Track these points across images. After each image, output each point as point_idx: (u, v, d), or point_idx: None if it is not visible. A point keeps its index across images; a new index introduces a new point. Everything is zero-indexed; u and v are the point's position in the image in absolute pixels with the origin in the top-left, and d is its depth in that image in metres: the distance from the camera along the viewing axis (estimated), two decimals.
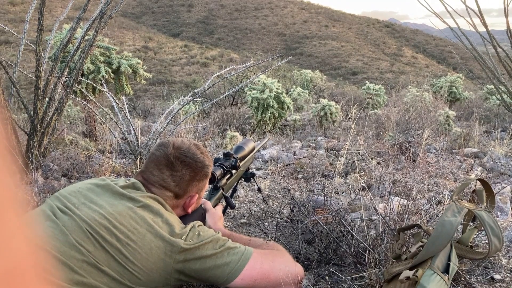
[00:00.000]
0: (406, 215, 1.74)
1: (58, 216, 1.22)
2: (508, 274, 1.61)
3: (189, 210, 1.48)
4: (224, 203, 1.83)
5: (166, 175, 1.39)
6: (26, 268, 0.29)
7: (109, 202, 1.27)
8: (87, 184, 1.38)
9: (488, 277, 1.58)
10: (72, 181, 3.14)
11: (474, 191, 1.80)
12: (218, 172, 1.71)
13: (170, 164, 1.40)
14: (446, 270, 1.38)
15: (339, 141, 5.30)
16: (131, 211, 1.24)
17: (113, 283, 1.15)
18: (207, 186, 1.57)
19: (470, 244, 1.61)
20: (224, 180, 1.79)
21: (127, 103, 4.07)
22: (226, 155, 1.83)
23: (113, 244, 1.17)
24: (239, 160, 1.84)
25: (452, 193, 1.86)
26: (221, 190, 1.76)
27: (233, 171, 1.86)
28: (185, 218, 1.46)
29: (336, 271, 1.66)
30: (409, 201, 1.86)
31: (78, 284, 1.09)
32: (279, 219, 2.03)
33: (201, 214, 1.56)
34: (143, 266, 1.18)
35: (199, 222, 1.38)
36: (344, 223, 1.77)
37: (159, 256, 1.20)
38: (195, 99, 4.04)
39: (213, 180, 1.70)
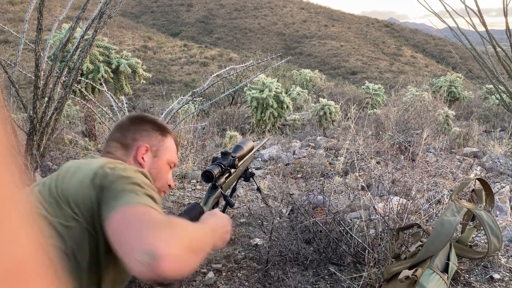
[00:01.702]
0: (406, 214, 1.74)
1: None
2: (507, 273, 1.61)
3: (140, 161, 1.41)
4: (224, 202, 1.83)
5: (114, 131, 1.43)
6: (30, 266, 0.29)
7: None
8: None
9: (487, 276, 1.58)
10: None
11: (473, 190, 1.80)
12: (216, 171, 1.71)
13: (120, 123, 1.44)
14: (445, 269, 1.38)
15: (338, 140, 5.30)
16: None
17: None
18: (172, 157, 1.50)
19: (470, 244, 1.61)
20: (222, 179, 1.79)
21: (126, 103, 4.07)
22: (224, 154, 1.83)
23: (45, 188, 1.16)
24: (237, 159, 1.84)
25: (451, 192, 1.86)
26: (220, 189, 1.76)
27: (232, 170, 1.86)
28: (184, 214, 1.46)
29: (335, 270, 1.66)
30: (409, 200, 1.86)
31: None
32: (278, 218, 2.03)
33: (199, 212, 1.56)
34: (73, 189, 1.15)
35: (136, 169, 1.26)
36: (343, 223, 1.77)
37: (81, 179, 1.17)
38: (194, 99, 4.04)
39: (211, 178, 1.69)
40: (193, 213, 1.50)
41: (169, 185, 1.53)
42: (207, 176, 1.69)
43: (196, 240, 1.04)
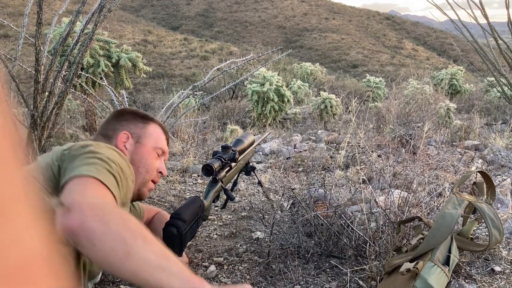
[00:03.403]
0: (407, 207, 1.74)
1: None
2: (508, 266, 1.62)
3: (121, 147, 1.42)
4: (224, 196, 1.84)
5: (99, 128, 1.51)
6: (37, 262, 0.29)
7: None
8: None
9: (489, 269, 1.58)
10: None
11: (474, 183, 1.80)
12: (216, 165, 1.71)
13: (105, 119, 1.52)
14: (446, 262, 1.38)
15: (339, 134, 5.29)
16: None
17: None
18: (157, 143, 1.51)
19: (471, 236, 1.62)
20: (223, 173, 1.79)
21: (127, 97, 4.07)
22: (225, 148, 1.83)
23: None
24: (237, 153, 1.84)
25: (452, 185, 1.86)
26: (220, 183, 1.76)
27: (232, 164, 1.86)
28: (184, 207, 1.46)
29: (336, 263, 1.66)
30: (410, 193, 1.86)
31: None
32: (279, 212, 2.03)
33: (199, 206, 1.56)
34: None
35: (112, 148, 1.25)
36: (344, 217, 1.77)
37: (50, 164, 1.17)
38: (195, 93, 4.03)
39: (211, 172, 1.70)
40: (193, 207, 1.50)
41: (161, 172, 1.52)
42: (207, 169, 1.69)
43: (129, 230, 0.86)
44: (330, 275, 1.63)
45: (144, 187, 1.46)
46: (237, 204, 2.66)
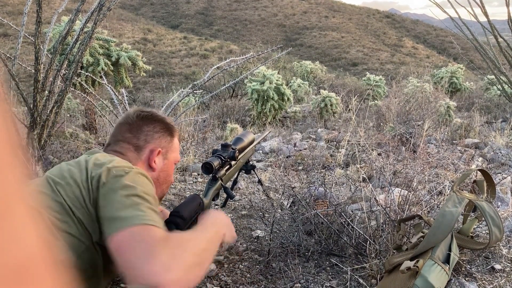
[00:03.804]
0: (407, 206, 1.74)
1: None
2: (509, 264, 1.62)
3: (153, 165, 1.43)
4: (224, 195, 1.83)
5: (123, 130, 1.40)
6: (37, 262, 0.29)
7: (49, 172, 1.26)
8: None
9: (489, 267, 1.58)
10: None
11: (474, 181, 1.80)
12: (216, 163, 1.70)
13: (129, 120, 1.42)
14: (446, 260, 1.38)
15: (339, 132, 5.29)
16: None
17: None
18: (177, 155, 1.53)
19: (471, 235, 1.62)
20: (222, 171, 1.79)
21: (126, 96, 4.06)
22: (224, 146, 1.83)
23: (42, 186, 1.18)
24: (237, 151, 1.84)
25: (452, 183, 1.86)
26: (220, 181, 1.76)
27: (232, 162, 1.86)
28: (183, 205, 1.46)
29: (337, 262, 1.66)
30: (410, 192, 1.86)
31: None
32: (280, 210, 2.03)
33: (198, 204, 1.56)
34: (72, 191, 1.15)
35: (144, 173, 1.26)
36: (344, 215, 1.77)
37: (76, 180, 1.17)
38: (194, 91, 4.03)
39: (210, 170, 1.69)
40: (193, 205, 1.50)
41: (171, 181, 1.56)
42: (206, 167, 1.69)
43: (198, 252, 1.06)
44: (330, 273, 1.63)
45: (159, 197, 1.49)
46: (237, 203, 2.66)
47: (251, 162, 2.14)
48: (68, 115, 6.73)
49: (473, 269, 1.56)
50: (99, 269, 1.19)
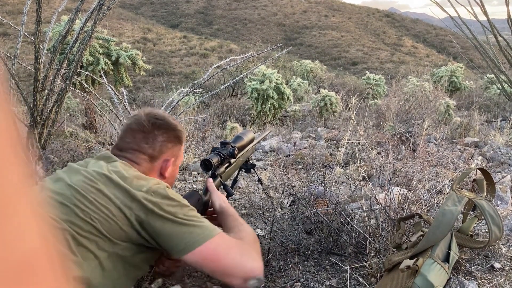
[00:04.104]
0: (407, 204, 1.74)
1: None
2: (508, 263, 1.62)
3: (166, 175, 1.48)
4: (224, 192, 1.84)
5: (139, 138, 1.41)
6: (39, 258, 0.29)
7: (69, 178, 1.28)
8: (64, 168, 1.41)
9: (488, 265, 1.59)
10: None
11: (474, 180, 1.80)
12: (215, 160, 1.71)
13: (143, 127, 1.42)
14: (446, 259, 1.38)
15: (339, 131, 5.30)
16: (86, 173, 1.27)
17: (74, 241, 1.14)
18: (183, 157, 1.59)
19: (470, 233, 1.62)
20: (222, 169, 1.79)
21: (126, 95, 4.07)
22: (224, 144, 1.83)
23: (71, 199, 1.19)
24: (237, 149, 1.84)
25: (452, 182, 1.86)
26: (219, 178, 1.76)
27: (231, 160, 1.86)
28: None
29: (336, 261, 1.66)
30: (410, 190, 1.86)
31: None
32: (280, 209, 2.03)
33: (197, 200, 1.56)
34: (104, 214, 1.17)
35: (166, 184, 1.35)
36: (344, 214, 1.77)
37: (117, 205, 1.19)
38: (194, 91, 4.03)
39: (210, 167, 1.70)
40: (191, 201, 1.51)
41: None
42: (206, 164, 1.70)
43: (255, 239, 1.38)
44: (330, 272, 1.63)
45: None
46: (237, 202, 2.66)
47: (251, 161, 2.14)
48: (68, 114, 6.73)
49: (472, 267, 1.57)
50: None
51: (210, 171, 1.74)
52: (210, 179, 1.64)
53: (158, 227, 1.22)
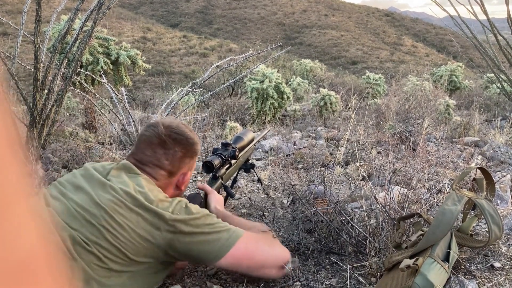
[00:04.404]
0: (406, 204, 1.74)
1: (50, 201, 1.25)
2: (508, 262, 1.62)
3: (183, 188, 1.50)
4: (224, 193, 1.84)
5: (159, 154, 1.42)
6: (37, 261, 0.29)
7: (95, 192, 1.28)
8: (80, 170, 1.41)
9: (488, 265, 1.59)
10: None
11: (474, 179, 1.80)
12: (217, 162, 1.71)
13: (162, 143, 1.42)
14: (446, 258, 1.38)
15: (339, 131, 5.29)
16: (113, 191, 1.27)
17: (100, 262, 1.16)
18: (193, 169, 1.61)
19: (470, 233, 1.62)
20: (223, 170, 1.79)
21: (126, 94, 4.06)
22: (225, 145, 1.83)
23: (99, 219, 1.19)
24: (237, 150, 1.84)
25: (452, 182, 1.86)
26: (220, 180, 1.76)
27: (232, 161, 1.87)
28: None
29: (336, 260, 1.66)
30: (409, 190, 1.86)
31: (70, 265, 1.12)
32: (279, 209, 2.03)
33: (199, 203, 1.56)
34: (130, 237, 1.19)
35: (186, 200, 1.40)
36: (344, 213, 1.77)
37: (145, 227, 1.21)
38: (194, 90, 4.03)
39: (211, 169, 1.70)
40: (194, 203, 1.51)
41: None
42: (207, 166, 1.70)
43: (259, 226, 1.56)
44: (330, 271, 1.63)
45: None
46: (237, 201, 2.66)
47: (250, 161, 2.14)
48: (68, 114, 6.72)
49: (472, 267, 1.57)
50: None
51: (212, 173, 1.74)
52: (207, 186, 1.70)
53: (187, 243, 1.27)
